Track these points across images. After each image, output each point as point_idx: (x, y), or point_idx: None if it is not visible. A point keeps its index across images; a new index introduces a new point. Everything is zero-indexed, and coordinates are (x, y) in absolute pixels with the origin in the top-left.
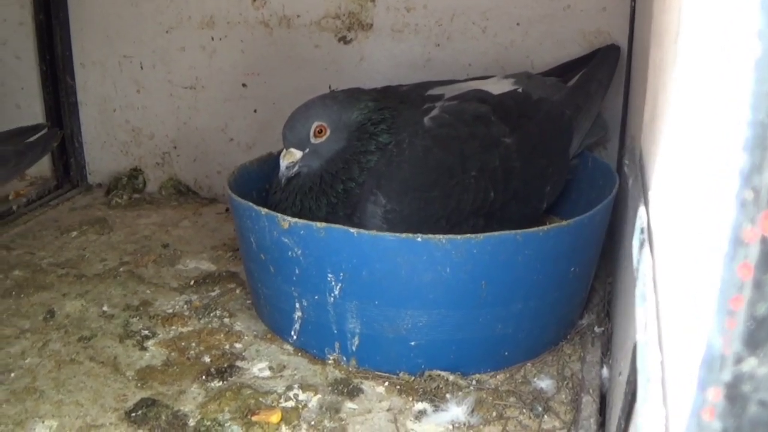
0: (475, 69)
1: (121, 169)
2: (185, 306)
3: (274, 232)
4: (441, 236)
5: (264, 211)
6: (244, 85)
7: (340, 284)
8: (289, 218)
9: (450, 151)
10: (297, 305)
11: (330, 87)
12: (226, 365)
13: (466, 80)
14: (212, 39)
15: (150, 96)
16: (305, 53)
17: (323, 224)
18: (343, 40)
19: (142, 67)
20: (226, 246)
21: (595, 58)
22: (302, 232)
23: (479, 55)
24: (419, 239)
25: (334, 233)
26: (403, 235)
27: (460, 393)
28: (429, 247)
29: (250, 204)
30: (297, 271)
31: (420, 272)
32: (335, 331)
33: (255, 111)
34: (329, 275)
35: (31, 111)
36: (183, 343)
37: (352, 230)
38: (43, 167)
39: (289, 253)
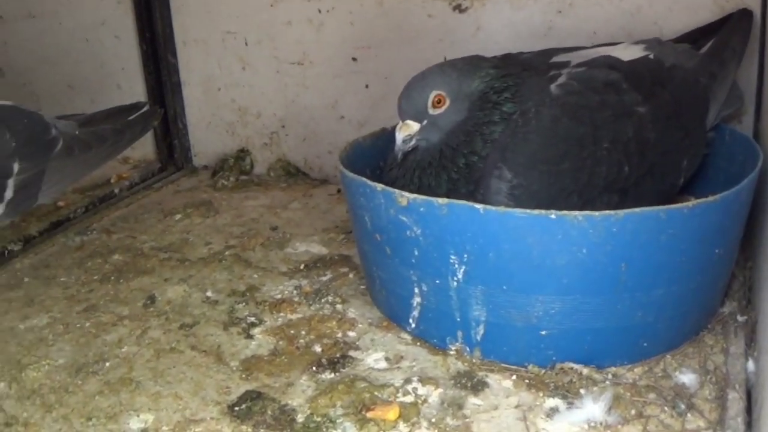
0: (599, 37)
1: (228, 150)
2: (295, 291)
3: (390, 210)
4: (577, 213)
5: (380, 187)
6: (354, 59)
7: (463, 267)
8: (407, 194)
9: (580, 120)
10: (416, 290)
11: (445, 59)
12: (338, 355)
13: (593, 47)
14: (319, 11)
15: (256, 73)
16: (418, 24)
17: (445, 200)
18: (458, 8)
19: (246, 44)
20: (338, 228)
21: (727, 24)
22: (422, 209)
23: (604, 23)
24: (553, 216)
25: (458, 210)
26: (535, 212)
27: (595, 388)
28: (564, 225)
29: (364, 180)
30: (416, 253)
31: (553, 253)
32: (458, 319)
33: (366, 86)
34: (452, 257)
35: (133, 92)
36: (292, 331)
37: (478, 206)
38: (146, 150)
39: (408, 233)
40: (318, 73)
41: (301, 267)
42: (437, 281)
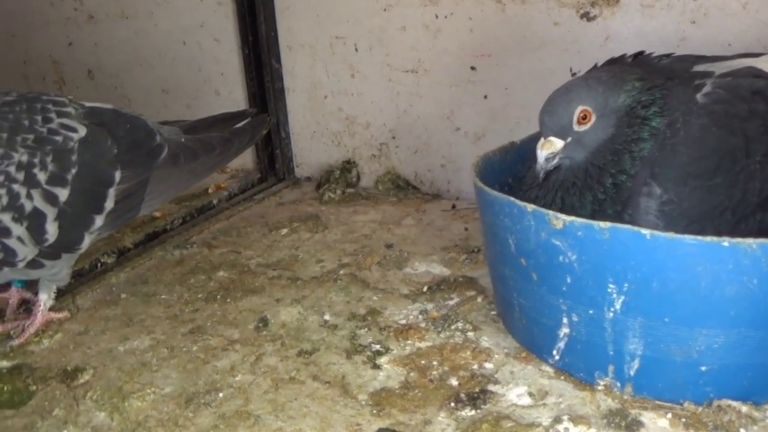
0: (734, 49)
1: (333, 161)
2: (420, 316)
3: (542, 233)
4: (751, 241)
5: (530, 207)
6: (472, 68)
7: (623, 297)
8: (563, 216)
9: (731, 130)
10: (564, 320)
11: (571, 70)
12: (477, 390)
13: (734, 57)
14: (436, 17)
15: (366, 81)
16: (542, 31)
17: (607, 224)
18: (586, 16)
19: (356, 49)
20: (457, 248)
21: None
22: (579, 233)
23: (739, 34)
24: (726, 244)
25: (621, 235)
26: (707, 239)
27: (755, 427)
28: (736, 254)
29: (511, 199)
30: (568, 280)
31: (723, 284)
32: (611, 353)
33: (485, 97)
34: (610, 286)
35: (232, 98)
36: (423, 361)
37: (644, 232)
38: (245, 159)
39: (561, 258)
40: (433, 81)
41: (424, 289)
42: (591, 311)
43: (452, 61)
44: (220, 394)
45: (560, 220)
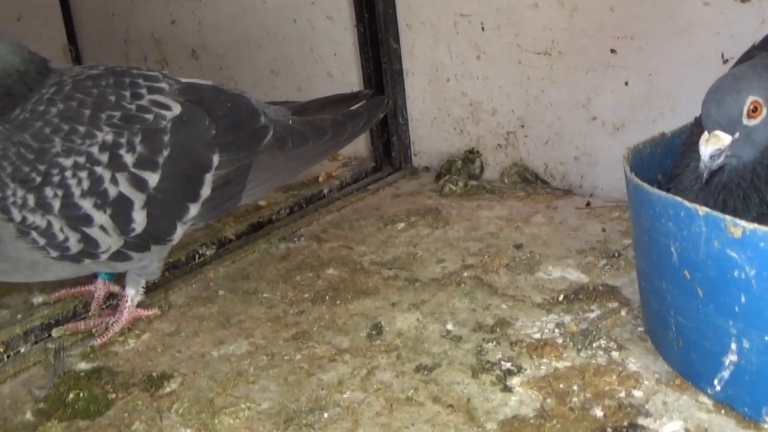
0: None
1: (454, 150)
2: (557, 330)
3: (714, 241)
4: None
5: (701, 210)
6: (612, 50)
7: None
8: (743, 223)
9: None
10: (732, 346)
11: (722, 56)
12: (626, 423)
13: None
14: None
15: (493, 63)
16: (691, 12)
17: None
18: None
19: (483, 28)
20: (595, 251)
21: None
22: (762, 244)
23: None
24: None
25: None
26: None
27: None
28: None
29: (679, 200)
30: (743, 300)
31: None
32: None
33: (626, 83)
34: None
35: (346, 80)
36: (561, 385)
37: None
38: (358, 146)
39: (735, 273)
40: (568, 65)
41: (560, 298)
42: (767, 338)
43: (589, 43)
44: (325, 414)
45: (739, 227)
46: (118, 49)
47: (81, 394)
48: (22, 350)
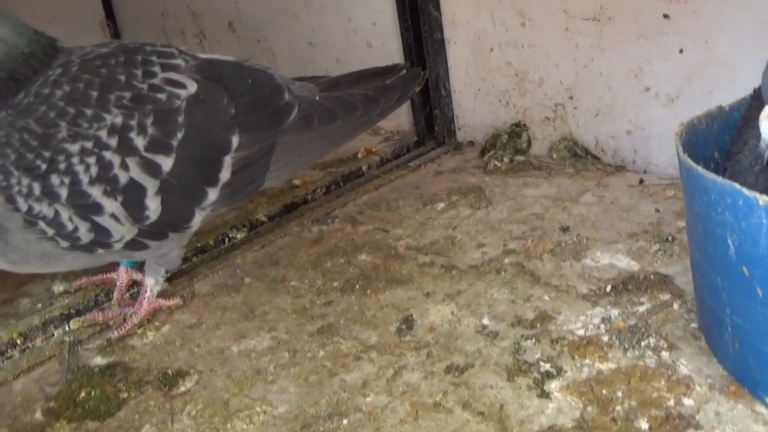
0: None
1: (499, 124)
2: (602, 326)
3: None
4: None
5: (763, 200)
6: (665, 15)
7: None
8: None
9: None
10: None
11: None
12: None
13: None
14: None
15: (539, 31)
16: None
17: None
18: None
19: None
20: (648, 234)
21: None
22: None
23: None
24: None
25: None
26: None
27: None
28: None
29: (737, 186)
30: None
31: None
32: None
33: (680, 51)
34: None
35: (386, 51)
36: (604, 391)
37: None
38: (400, 120)
39: None
40: (618, 32)
41: (608, 289)
42: None
43: (641, 8)
44: (345, 421)
45: None
46: (155, 23)
47: (93, 393)
48: (39, 343)
